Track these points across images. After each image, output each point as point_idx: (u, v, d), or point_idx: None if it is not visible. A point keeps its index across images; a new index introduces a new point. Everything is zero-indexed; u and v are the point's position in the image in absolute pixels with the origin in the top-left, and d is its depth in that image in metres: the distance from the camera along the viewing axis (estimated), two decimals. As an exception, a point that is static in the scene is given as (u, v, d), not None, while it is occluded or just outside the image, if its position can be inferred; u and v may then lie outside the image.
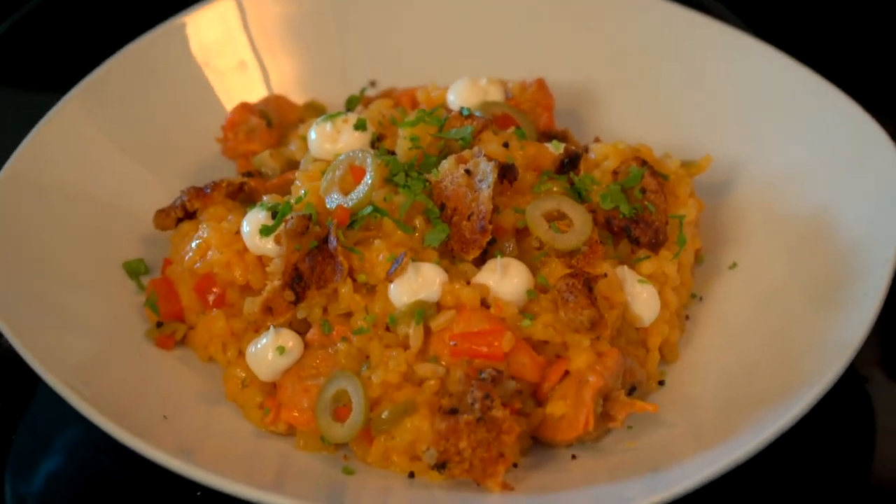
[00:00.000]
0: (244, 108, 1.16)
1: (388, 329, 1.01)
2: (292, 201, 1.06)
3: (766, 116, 1.16)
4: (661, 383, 1.05)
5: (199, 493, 0.99)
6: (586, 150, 1.10)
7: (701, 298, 1.10)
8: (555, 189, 1.04)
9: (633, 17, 1.19)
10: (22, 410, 1.06)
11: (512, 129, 1.09)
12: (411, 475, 0.98)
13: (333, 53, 1.20)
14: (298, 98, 1.18)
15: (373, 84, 1.17)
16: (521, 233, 1.03)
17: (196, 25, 1.17)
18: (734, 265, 1.11)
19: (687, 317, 1.09)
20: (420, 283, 0.99)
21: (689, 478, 0.91)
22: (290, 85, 1.20)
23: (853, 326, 1.00)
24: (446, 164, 1.03)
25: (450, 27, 1.22)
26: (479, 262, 1.04)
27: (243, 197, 1.09)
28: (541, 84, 1.13)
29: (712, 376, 1.05)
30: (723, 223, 1.13)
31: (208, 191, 1.06)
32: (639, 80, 1.20)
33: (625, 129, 1.15)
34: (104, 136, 1.11)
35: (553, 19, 1.21)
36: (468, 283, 1.01)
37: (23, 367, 0.99)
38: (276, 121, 1.14)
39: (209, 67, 1.19)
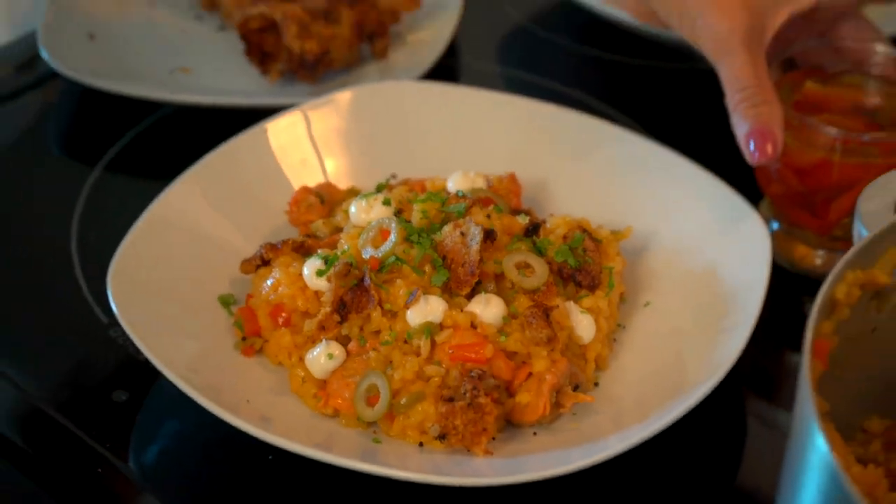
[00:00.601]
0: (305, 190, 1.18)
1: (405, 342, 1.03)
2: (339, 253, 1.09)
3: (670, 199, 1.17)
4: (596, 384, 1.08)
5: (270, 457, 1.02)
6: (544, 221, 1.13)
7: (624, 326, 1.13)
8: (522, 247, 1.08)
9: (575, 135, 1.22)
10: (143, 397, 1.08)
11: (492, 206, 1.12)
12: (421, 444, 1.01)
13: (367, 155, 1.24)
14: (343, 184, 1.21)
15: (394, 176, 1.20)
16: (499, 277, 1.07)
17: (274, 130, 1.20)
18: (648, 303, 1.13)
19: (614, 339, 1.11)
20: (428, 310, 1.04)
21: (612, 448, 0.95)
22: (337, 175, 1.22)
23: (732, 346, 1.03)
24: (447, 229, 1.07)
25: (449, 139, 1.24)
26: (470, 296, 1.06)
27: (304, 251, 1.12)
28: (512, 177, 1.18)
29: (631, 380, 1.07)
30: (640, 274, 1.16)
31: (279, 246, 1.11)
32: (580, 175, 1.21)
33: (571, 208, 1.18)
34: (209, 205, 1.14)
35: (520, 135, 1.23)
36: (462, 310, 1.04)
37: (146, 366, 1.02)
38: (327, 199, 1.18)
39: (281, 160, 1.21)
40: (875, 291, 0.93)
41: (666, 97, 1.39)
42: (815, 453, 0.79)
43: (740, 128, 1.11)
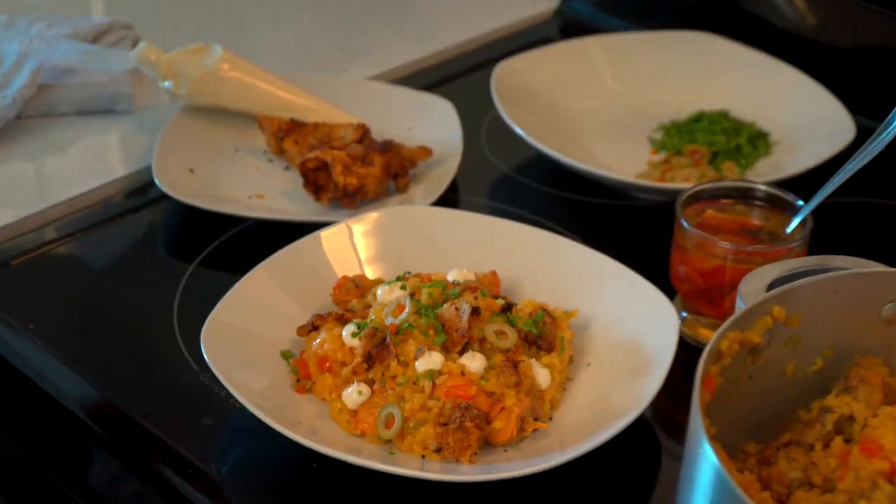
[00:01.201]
0: (345, 278, 1.24)
1: (414, 383, 1.09)
2: (368, 321, 1.14)
3: (608, 291, 1.23)
4: (550, 418, 1.12)
5: (314, 465, 1.07)
6: (515, 303, 1.19)
7: (572, 379, 1.17)
8: (499, 320, 1.14)
9: (540, 245, 1.28)
10: (224, 421, 1.14)
11: (479, 291, 1.18)
12: (423, 456, 1.07)
13: (390, 255, 1.29)
14: (372, 275, 1.27)
15: (409, 272, 1.24)
16: (482, 340, 1.13)
17: (325, 237, 1.26)
18: (589, 364, 1.18)
19: (564, 388, 1.16)
20: (431, 361, 1.10)
21: (558, 459, 1.02)
22: (369, 268, 1.28)
23: (647, 394, 1.09)
24: (446, 306, 1.13)
25: (449, 247, 1.29)
26: (461, 353, 1.12)
27: (343, 320, 1.17)
28: (494, 273, 1.24)
29: (575, 416, 1.12)
30: (584, 343, 1.20)
31: (326, 316, 1.16)
32: (543, 273, 1.26)
33: (536, 295, 1.23)
34: (276, 287, 1.20)
35: (501, 245, 1.28)
36: (455, 362, 1.10)
37: (226, 400, 1.10)
38: (361, 285, 1.24)
39: (329, 257, 1.26)
40: (750, 348, 0.99)
41: (610, 223, 1.45)
42: (705, 459, 0.85)
43: None
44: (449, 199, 1.45)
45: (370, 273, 1.29)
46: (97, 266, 1.44)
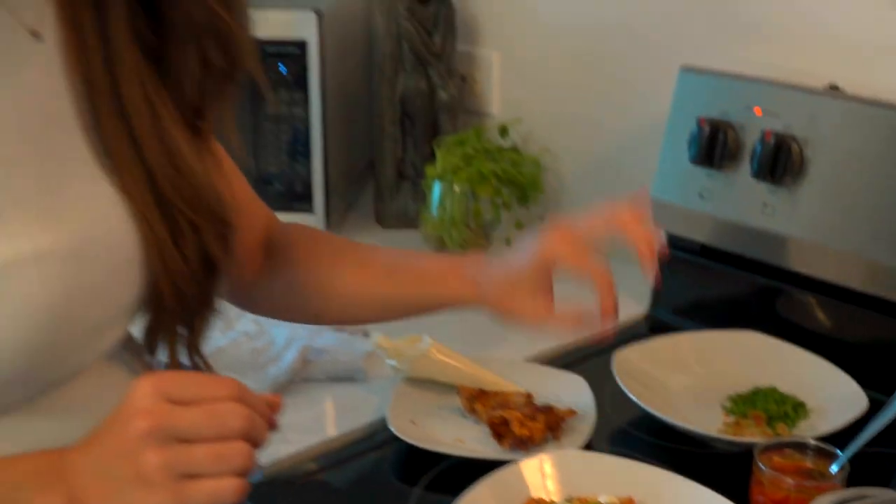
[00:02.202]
0: (531, 499, 1.36)
1: None
2: None
3: None
4: None
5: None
6: None
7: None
8: None
9: (655, 480, 1.39)
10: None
11: None
12: None
13: (559, 478, 1.38)
14: (546, 496, 1.35)
15: (571, 495, 1.33)
16: None
17: (525, 465, 1.39)
18: None
19: None
20: None
21: None
22: (551, 488, 1.37)
23: None
24: None
25: (596, 479, 1.38)
26: None
27: None
28: (631, 497, 1.36)
29: None
30: None
31: None
32: (654, 497, 1.31)
33: None
34: (493, 498, 1.31)
35: (632, 478, 1.38)
36: None
37: None
38: (548, 501, 1.35)
39: (526, 479, 1.38)
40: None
41: (697, 464, 1.55)
42: None
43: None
44: (588, 445, 1.64)
45: (552, 494, 1.46)
46: (346, 487, 1.63)
